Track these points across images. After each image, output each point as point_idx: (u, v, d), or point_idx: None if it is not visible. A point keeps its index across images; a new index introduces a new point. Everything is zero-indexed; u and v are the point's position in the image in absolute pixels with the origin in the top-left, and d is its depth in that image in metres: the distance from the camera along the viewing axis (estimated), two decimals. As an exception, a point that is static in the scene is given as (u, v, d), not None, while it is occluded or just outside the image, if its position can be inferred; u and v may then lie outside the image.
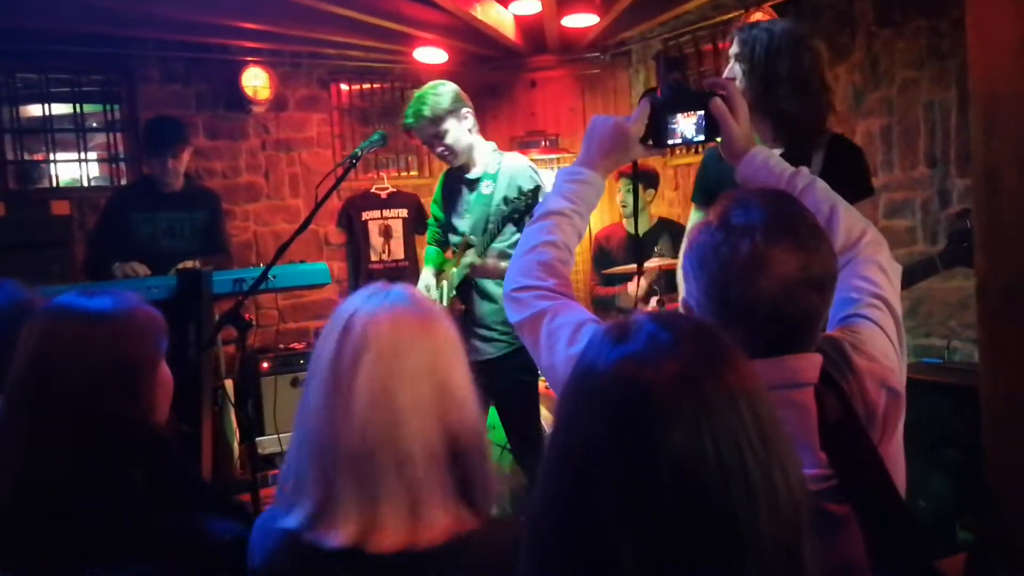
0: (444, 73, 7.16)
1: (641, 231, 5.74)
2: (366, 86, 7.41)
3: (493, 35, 6.29)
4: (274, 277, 3.70)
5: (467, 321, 3.97)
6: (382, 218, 7.17)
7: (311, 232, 6.72)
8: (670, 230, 5.67)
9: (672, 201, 6.74)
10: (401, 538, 1.43)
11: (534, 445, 4.04)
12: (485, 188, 3.96)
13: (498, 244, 3.89)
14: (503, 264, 3.70)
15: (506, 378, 3.94)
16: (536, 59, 7.02)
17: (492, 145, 4.11)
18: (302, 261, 4.41)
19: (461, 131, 3.95)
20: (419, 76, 7.34)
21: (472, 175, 4.06)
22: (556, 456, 1.14)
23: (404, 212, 7.21)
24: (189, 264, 4.42)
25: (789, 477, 1.08)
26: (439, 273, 4.23)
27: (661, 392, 1.06)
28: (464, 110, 3.94)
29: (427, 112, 3.88)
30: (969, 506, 3.89)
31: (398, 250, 7.22)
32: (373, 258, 7.15)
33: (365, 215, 7.14)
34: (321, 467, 1.46)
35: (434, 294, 4.13)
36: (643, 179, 5.64)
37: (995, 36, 1.61)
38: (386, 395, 1.44)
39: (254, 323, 3.61)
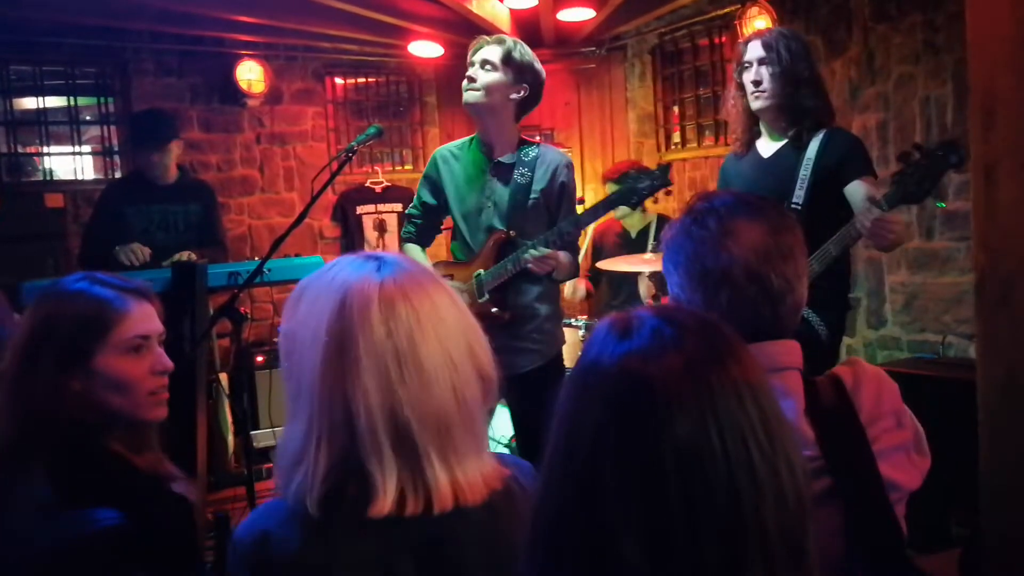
0: (439, 67, 7.17)
1: (637, 228, 5.74)
2: (361, 80, 7.40)
3: (488, 29, 6.27)
4: (269, 271, 3.69)
5: (500, 331, 3.49)
6: (376, 212, 7.16)
7: (306, 226, 6.72)
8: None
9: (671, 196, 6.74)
10: (452, 498, 1.42)
11: None
12: (520, 177, 3.58)
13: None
14: (564, 257, 3.49)
15: (537, 394, 3.54)
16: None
17: (518, 134, 3.70)
18: (297, 255, 4.41)
19: (502, 90, 3.54)
20: (414, 70, 7.35)
21: (504, 159, 3.63)
22: (559, 451, 1.14)
23: (399, 206, 7.19)
24: (184, 256, 4.41)
25: (794, 469, 1.08)
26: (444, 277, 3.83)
27: (666, 386, 1.06)
28: (524, 85, 3.55)
29: (503, 44, 3.55)
30: (963, 501, 3.90)
31: (392, 244, 7.20)
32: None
33: (360, 209, 7.13)
34: (396, 446, 1.40)
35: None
36: None
37: (994, 30, 1.61)
38: (448, 359, 1.43)
39: (249, 316, 3.61)
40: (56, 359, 1.81)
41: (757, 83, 3.32)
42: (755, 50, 3.34)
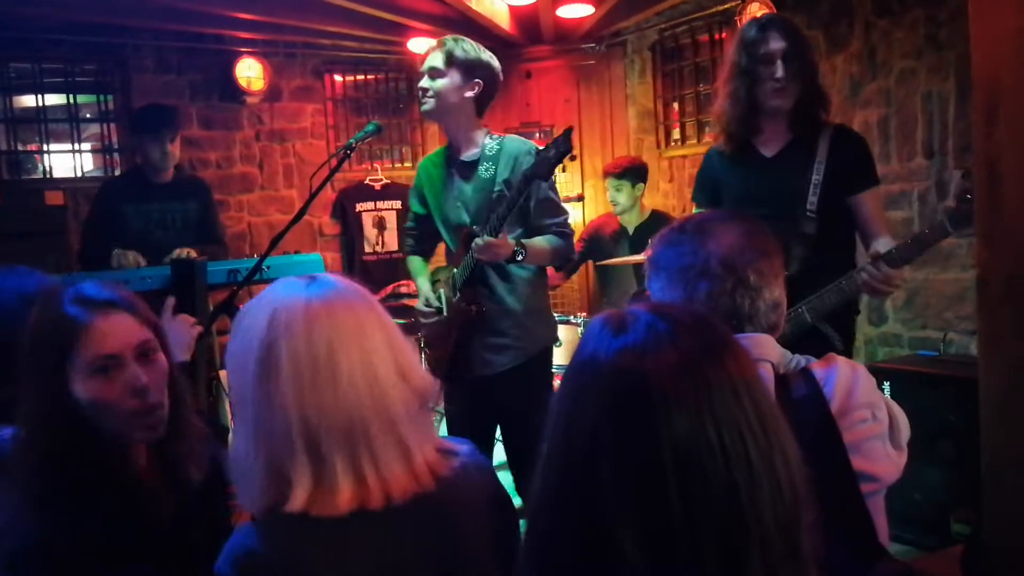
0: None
1: (634, 225, 5.72)
2: (360, 77, 7.40)
3: (488, 26, 6.27)
4: (268, 268, 3.68)
5: (476, 328, 3.55)
6: (376, 209, 7.16)
7: (305, 223, 6.72)
8: (665, 224, 5.61)
9: (667, 193, 6.73)
10: (409, 487, 1.55)
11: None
12: (484, 171, 3.53)
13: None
14: (511, 241, 3.38)
15: (519, 393, 3.54)
16: (531, 50, 7.01)
17: (485, 129, 3.66)
18: (296, 252, 4.39)
19: (454, 92, 3.52)
20: (413, 67, 7.33)
21: (467, 157, 3.61)
22: (557, 447, 1.15)
23: (398, 203, 7.20)
24: (183, 252, 4.40)
25: (789, 461, 1.10)
26: (435, 281, 3.81)
27: (662, 381, 1.07)
28: (476, 80, 3.52)
29: (442, 48, 3.54)
30: (964, 498, 3.89)
31: (392, 241, 7.21)
32: (367, 249, 7.14)
33: (359, 206, 7.13)
34: (307, 448, 1.50)
35: (435, 304, 3.74)
36: (632, 174, 5.60)
37: (997, 25, 1.59)
38: (369, 370, 1.54)
39: (249, 314, 3.59)
40: (47, 374, 1.78)
41: (780, 79, 3.08)
42: (776, 41, 3.08)
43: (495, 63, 3.60)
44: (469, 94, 3.55)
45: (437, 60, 3.53)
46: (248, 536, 1.51)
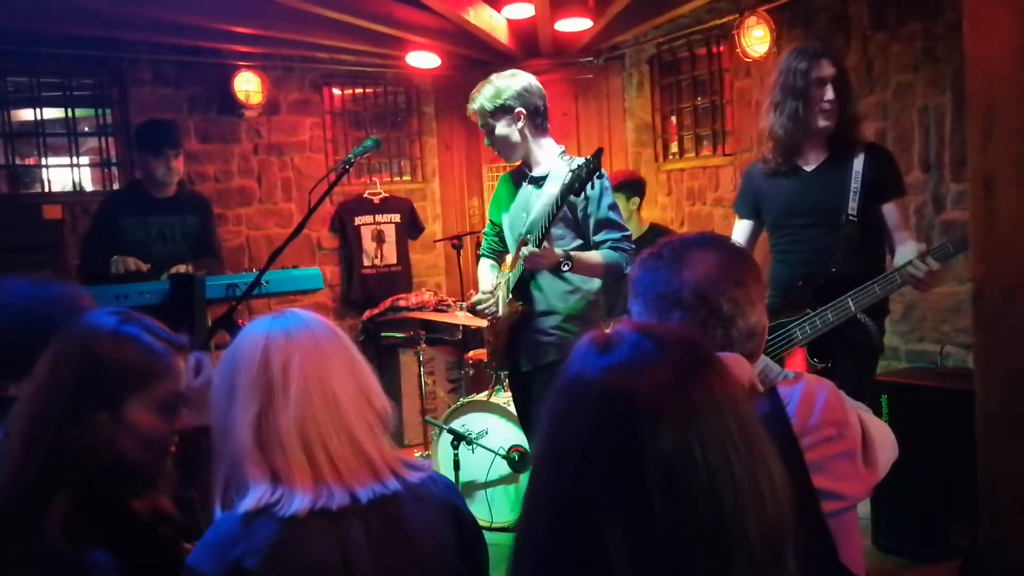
0: (437, 78, 7.17)
1: (634, 238, 5.70)
2: (359, 90, 7.41)
3: (486, 39, 6.28)
4: (267, 282, 3.70)
5: (524, 325, 3.86)
6: (375, 223, 7.17)
7: (304, 236, 6.71)
8: (662, 238, 5.61)
9: (665, 206, 6.74)
10: (366, 480, 1.73)
11: None
12: (551, 187, 3.74)
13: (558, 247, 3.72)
14: (559, 251, 3.62)
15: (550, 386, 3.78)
16: (529, 63, 6.98)
17: (560, 148, 3.98)
18: (295, 266, 4.40)
19: (510, 130, 3.85)
20: (412, 80, 7.36)
21: (537, 173, 3.91)
22: (547, 461, 1.18)
23: (397, 217, 7.21)
24: (181, 268, 4.41)
25: (773, 477, 1.13)
26: (497, 285, 4.09)
27: (648, 399, 1.09)
28: (518, 110, 3.82)
29: (475, 106, 3.89)
30: (962, 511, 3.89)
31: (391, 255, 7.22)
32: (366, 263, 7.14)
33: (358, 220, 7.13)
34: (263, 456, 1.70)
35: (491, 308, 4.03)
36: (629, 187, 5.60)
37: (993, 39, 1.60)
38: (326, 390, 1.74)
39: (247, 328, 3.60)
40: (95, 401, 1.77)
41: (831, 102, 3.47)
42: (828, 67, 3.50)
43: (520, 83, 3.87)
44: (520, 125, 3.84)
45: (480, 118, 3.86)
46: (220, 530, 1.66)
